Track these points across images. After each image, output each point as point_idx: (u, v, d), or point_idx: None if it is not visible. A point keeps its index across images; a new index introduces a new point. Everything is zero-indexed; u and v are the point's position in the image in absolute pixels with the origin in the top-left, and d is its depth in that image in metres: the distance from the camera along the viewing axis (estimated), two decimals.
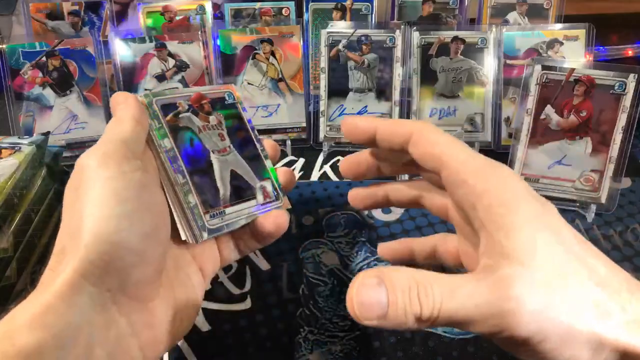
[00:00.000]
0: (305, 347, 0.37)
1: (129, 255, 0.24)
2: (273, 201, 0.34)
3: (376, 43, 0.56)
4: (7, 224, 0.37)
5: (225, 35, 0.57)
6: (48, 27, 0.62)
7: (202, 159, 0.32)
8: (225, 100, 0.35)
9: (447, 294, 0.22)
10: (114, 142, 0.26)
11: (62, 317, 0.21)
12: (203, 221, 0.30)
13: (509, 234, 0.22)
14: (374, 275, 0.23)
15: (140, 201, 0.25)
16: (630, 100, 0.47)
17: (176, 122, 0.32)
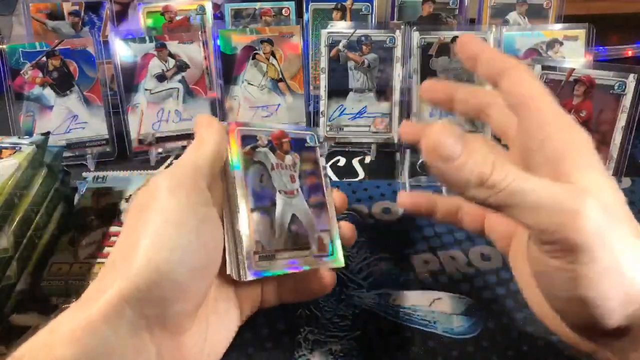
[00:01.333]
0: (305, 347, 0.37)
1: (174, 288, 0.24)
2: (326, 255, 0.33)
3: (376, 43, 0.56)
4: (7, 224, 0.37)
5: (225, 35, 0.57)
6: (48, 27, 0.62)
7: (267, 197, 0.32)
8: (305, 142, 0.35)
9: (522, 175, 0.22)
10: (190, 167, 0.27)
11: (101, 336, 0.22)
12: (251, 261, 0.29)
13: (582, 171, 0.23)
14: (460, 130, 0.22)
15: (198, 236, 0.25)
16: (630, 100, 0.47)
17: (252, 156, 0.32)
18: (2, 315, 0.36)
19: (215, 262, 0.27)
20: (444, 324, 0.38)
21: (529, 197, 0.21)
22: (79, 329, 0.21)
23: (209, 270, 0.26)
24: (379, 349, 0.36)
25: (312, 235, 0.32)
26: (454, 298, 0.40)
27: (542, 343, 0.36)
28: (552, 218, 0.21)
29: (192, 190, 0.26)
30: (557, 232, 0.21)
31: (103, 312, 0.22)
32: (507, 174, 0.21)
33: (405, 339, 0.37)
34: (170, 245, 0.24)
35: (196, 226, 0.25)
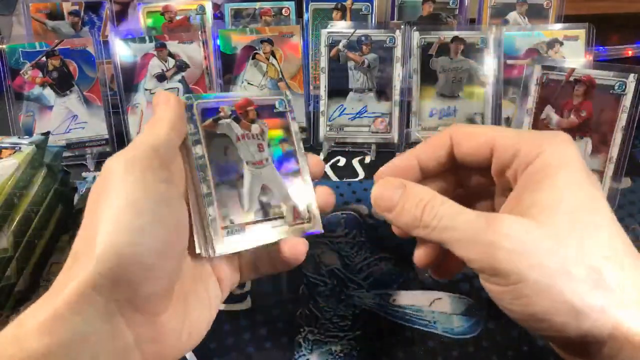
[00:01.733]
0: (305, 347, 0.37)
1: (139, 269, 0.23)
2: (303, 222, 0.31)
3: (376, 43, 0.56)
4: (7, 224, 0.37)
5: (225, 35, 0.57)
6: (48, 27, 0.62)
7: (233, 170, 0.31)
8: (274, 107, 0.33)
9: (450, 216, 0.25)
10: (144, 146, 0.26)
11: (70, 326, 0.21)
12: (219, 236, 0.29)
13: (534, 193, 0.24)
14: (399, 181, 0.27)
15: (157, 215, 0.24)
16: (630, 100, 0.47)
17: (213, 129, 0.31)
18: (2, 315, 0.36)
19: (180, 240, 0.27)
20: (444, 324, 0.38)
21: (453, 233, 0.24)
22: (47, 320, 0.21)
23: (174, 249, 0.26)
24: (379, 349, 0.36)
25: (285, 204, 0.31)
26: (454, 298, 0.40)
27: (542, 343, 0.36)
28: (471, 250, 0.24)
29: (147, 169, 0.25)
30: (479, 262, 0.23)
31: (69, 301, 0.22)
32: (436, 214, 0.25)
33: (405, 339, 0.37)
34: (129, 226, 0.23)
35: (154, 205, 0.24)
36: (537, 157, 0.25)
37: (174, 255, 0.26)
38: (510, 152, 0.26)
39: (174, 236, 0.26)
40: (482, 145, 0.28)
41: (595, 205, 0.24)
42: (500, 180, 0.28)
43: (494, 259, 0.23)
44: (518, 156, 0.26)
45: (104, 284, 0.22)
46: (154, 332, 0.25)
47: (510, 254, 0.22)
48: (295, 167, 0.32)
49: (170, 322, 0.26)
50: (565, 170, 0.24)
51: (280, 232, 0.31)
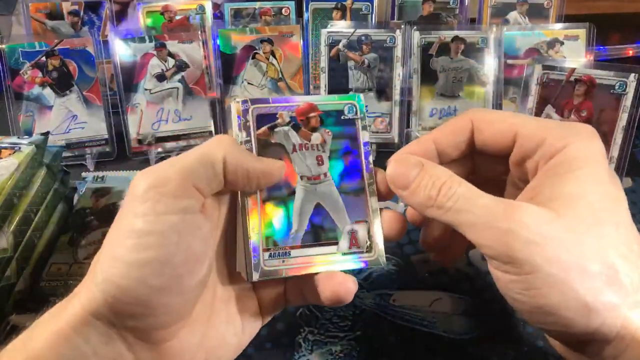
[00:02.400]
0: (305, 347, 0.36)
1: (137, 304, 0.22)
2: (361, 252, 0.27)
3: (376, 43, 0.56)
4: (7, 224, 0.37)
5: (225, 34, 0.57)
6: (48, 27, 0.62)
7: (284, 184, 0.27)
8: (342, 114, 0.29)
9: (467, 198, 0.24)
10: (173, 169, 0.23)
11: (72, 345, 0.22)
12: (259, 259, 0.26)
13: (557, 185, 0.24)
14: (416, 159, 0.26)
15: (163, 250, 0.22)
16: (631, 100, 0.47)
17: (269, 137, 0.27)
18: (2, 315, 0.36)
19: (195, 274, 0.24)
20: (444, 324, 0.38)
21: (470, 216, 0.24)
22: (51, 336, 0.22)
23: (183, 285, 0.23)
24: (379, 349, 0.36)
25: (341, 229, 0.27)
26: (454, 298, 0.40)
27: (542, 344, 0.36)
28: (488, 235, 0.23)
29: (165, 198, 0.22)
30: (495, 248, 0.23)
31: (71, 322, 0.22)
32: (452, 196, 0.24)
33: (405, 339, 0.37)
34: (129, 259, 0.22)
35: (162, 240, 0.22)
36: (563, 149, 0.24)
37: (184, 291, 0.23)
38: (535, 142, 0.25)
39: (185, 271, 0.23)
40: (505, 133, 0.27)
41: (616, 205, 0.24)
42: (516, 169, 0.28)
43: (510, 247, 0.22)
44: (542, 146, 0.25)
45: (102, 312, 0.22)
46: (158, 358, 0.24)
47: (527, 244, 0.22)
48: (359, 185, 0.28)
49: (181, 348, 0.24)
50: (591, 166, 0.24)
51: (331, 261, 0.27)
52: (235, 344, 0.27)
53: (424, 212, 0.26)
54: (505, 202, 0.24)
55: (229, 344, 0.27)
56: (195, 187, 0.24)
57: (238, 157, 0.25)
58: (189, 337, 0.25)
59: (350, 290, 0.26)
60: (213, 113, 0.57)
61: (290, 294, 0.29)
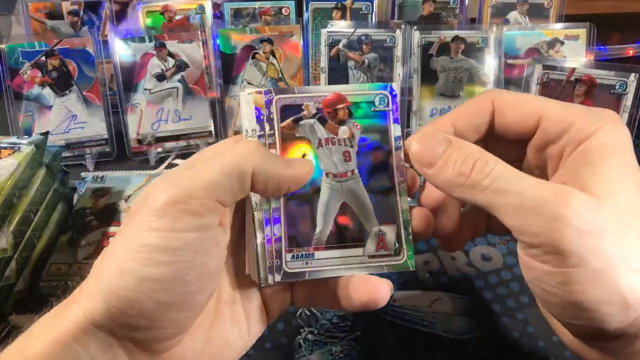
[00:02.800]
0: (306, 347, 0.36)
1: (142, 318, 0.21)
2: (389, 255, 0.25)
3: (376, 42, 0.56)
4: (7, 224, 0.37)
5: (225, 34, 0.56)
6: (47, 27, 0.62)
7: (309, 182, 0.25)
8: (372, 105, 0.27)
9: (508, 178, 0.22)
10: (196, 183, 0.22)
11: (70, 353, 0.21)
12: (282, 261, 0.24)
13: (595, 170, 0.22)
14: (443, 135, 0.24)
15: (174, 268, 0.21)
16: (631, 100, 0.47)
17: (293, 131, 0.25)
18: (2, 315, 0.36)
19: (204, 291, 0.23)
20: (444, 324, 0.38)
21: (512, 198, 0.21)
22: (49, 343, 0.21)
23: (191, 302, 0.22)
24: (379, 350, 0.36)
25: (368, 230, 0.26)
26: (454, 298, 0.40)
27: (542, 344, 0.36)
28: (534, 220, 0.21)
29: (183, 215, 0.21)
30: (539, 236, 0.21)
31: (70, 330, 0.21)
32: (490, 173, 0.22)
33: (405, 339, 0.37)
34: (137, 273, 0.21)
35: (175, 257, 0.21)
36: (593, 135, 0.23)
37: (193, 307, 0.23)
38: (561, 126, 0.24)
39: (197, 289, 0.22)
40: (529, 115, 0.25)
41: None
42: (535, 156, 0.26)
43: (560, 236, 0.20)
44: (570, 131, 0.23)
45: (104, 322, 0.21)
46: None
47: (579, 234, 0.20)
48: (388, 184, 0.26)
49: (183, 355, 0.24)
50: (623, 153, 0.22)
51: (356, 264, 0.25)
52: (240, 346, 0.27)
53: (451, 191, 0.23)
54: (553, 185, 0.22)
55: (233, 346, 0.26)
56: (218, 201, 0.22)
57: (268, 167, 0.23)
58: (190, 344, 0.24)
59: (387, 294, 0.25)
60: (213, 113, 0.57)
61: (298, 295, 0.28)
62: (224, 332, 0.26)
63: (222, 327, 0.25)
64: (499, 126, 0.26)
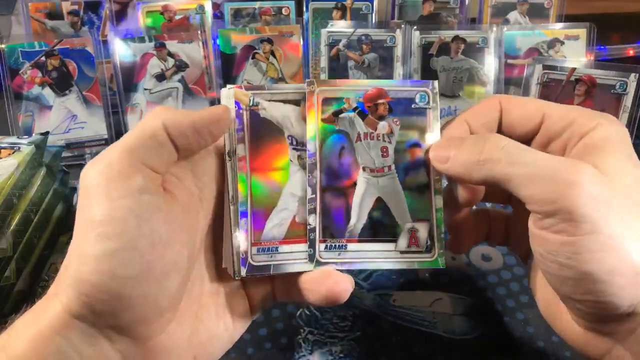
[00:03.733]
0: (305, 347, 0.36)
1: (112, 299, 0.21)
2: (420, 252, 0.26)
3: (376, 42, 0.56)
4: (7, 224, 0.37)
5: (224, 34, 0.56)
6: (47, 27, 0.62)
7: (345, 174, 0.26)
8: (413, 102, 0.27)
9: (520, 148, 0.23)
10: (115, 152, 0.22)
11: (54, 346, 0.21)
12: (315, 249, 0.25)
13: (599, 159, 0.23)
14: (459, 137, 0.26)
15: (126, 238, 0.21)
16: (632, 100, 0.47)
17: (333, 123, 0.26)
18: (1, 316, 0.36)
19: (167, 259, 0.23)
20: (445, 325, 0.38)
21: (527, 168, 0.22)
22: (33, 338, 0.21)
23: (156, 271, 0.22)
24: (379, 350, 0.36)
25: (402, 226, 0.26)
26: (454, 298, 0.40)
27: (542, 344, 0.36)
28: (549, 187, 0.21)
29: (116, 181, 0.21)
30: (555, 202, 0.21)
31: (51, 324, 0.21)
32: (504, 147, 0.23)
33: (405, 339, 0.37)
34: (94, 252, 0.21)
35: (124, 224, 0.21)
36: (594, 129, 0.24)
37: (158, 279, 0.22)
38: (564, 122, 0.25)
39: (154, 257, 0.22)
40: (533, 113, 0.26)
41: None
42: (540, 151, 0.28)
43: (574, 201, 0.21)
44: (572, 126, 0.25)
45: (81, 312, 0.21)
46: (145, 355, 0.23)
47: (593, 200, 0.21)
48: (424, 181, 0.27)
49: (169, 344, 0.24)
50: (624, 145, 0.24)
51: (388, 258, 0.26)
52: (225, 339, 0.27)
53: (470, 173, 0.24)
54: (564, 158, 0.23)
55: (219, 338, 0.26)
56: (144, 164, 0.22)
57: (177, 117, 0.24)
58: (177, 332, 0.24)
59: (347, 290, 0.25)
60: None
61: (278, 290, 0.28)
62: (209, 324, 0.26)
63: (208, 319, 0.26)
64: (506, 124, 0.27)
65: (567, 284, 0.22)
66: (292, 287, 0.27)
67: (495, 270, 0.42)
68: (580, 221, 0.21)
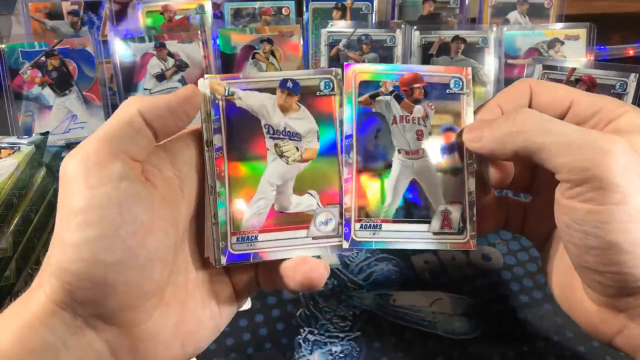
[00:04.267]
0: (305, 347, 0.36)
1: (94, 286, 0.21)
2: (453, 234, 0.27)
3: (376, 42, 0.56)
4: (6, 224, 0.37)
5: (224, 34, 0.56)
6: (47, 27, 0.62)
7: (381, 156, 0.26)
8: (448, 87, 0.28)
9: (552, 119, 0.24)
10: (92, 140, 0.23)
11: (39, 336, 0.21)
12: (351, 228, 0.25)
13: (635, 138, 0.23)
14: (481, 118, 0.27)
15: (107, 225, 0.21)
16: (632, 100, 0.47)
17: (370, 106, 0.27)
18: None
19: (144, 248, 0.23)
20: (445, 325, 0.38)
21: (560, 137, 0.23)
22: (19, 328, 0.21)
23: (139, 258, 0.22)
24: (379, 350, 0.36)
25: (435, 207, 0.27)
26: (454, 298, 0.40)
27: (542, 344, 0.36)
28: (582, 155, 0.22)
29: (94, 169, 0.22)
30: (587, 170, 0.21)
31: (36, 313, 0.21)
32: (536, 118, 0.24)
33: (405, 339, 0.37)
34: (75, 240, 0.21)
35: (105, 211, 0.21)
36: (622, 115, 0.25)
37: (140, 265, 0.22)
38: (593, 108, 0.26)
39: (136, 243, 0.22)
40: (562, 98, 0.27)
41: None
42: None
43: (608, 170, 0.21)
44: (600, 112, 0.26)
45: (64, 301, 0.21)
46: (131, 343, 0.23)
47: (626, 169, 0.21)
48: (458, 165, 0.27)
49: (156, 331, 0.24)
50: None
51: (421, 239, 0.26)
52: (212, 327, 0.27)
53: (504, 146, 0.24)
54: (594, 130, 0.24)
55: (206, 327, 0.27)
56: (122, 151, 0.23)
57: (152, 101, 0.24)
58: (163, 320, 0.24)
59: (322, 276, 0.25)
60: None
61: (262, 278, 0.28)
62: (195, 312, 0.26)
63: (194, 306, 0.26)
64: (535, 108, 0.28)
65: (591, 254, 0.22)
66: (275, 275, 0.27)
67: (495, 270, 0.42)
68: (611, 190, 0.21)
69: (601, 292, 0.24)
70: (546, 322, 0.37)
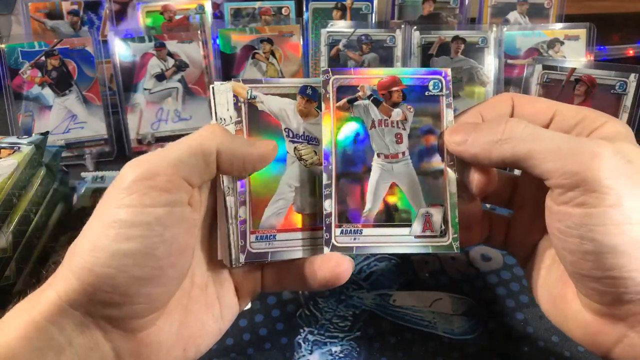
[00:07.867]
0: (305, 347, 0.36)
1: (116, 294, 0.22)
2: (434, 236, 0.26)
3: (376, 42, 0.56)
4: (6, 224, 0.37)
5: (224, 34, 0.56)
6: (47, 27, 0.62)
7: (360, 160, 0.26)
8: (426, 89, 0.28)
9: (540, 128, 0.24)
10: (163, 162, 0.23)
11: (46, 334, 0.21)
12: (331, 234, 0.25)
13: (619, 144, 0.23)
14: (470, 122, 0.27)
15: (147, 242, 0.22)
16: (631, 100, 0.47)
17: (348, 111, 0.27)
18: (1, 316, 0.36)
19: (178, 266, 0.23)
20: (444, 325, 0.38)
21: (550, 143, 0.23)
22: (25, 325, 0.21)
23: (165, 277, 0.23)
24: (379, 350, 0.36)
25: (416, 211, 0.26)
26: (454, 298, 0.40)
27: (542, 344, 0.36)
28: (572, 159, 0.22)
29: (152, 190, 0.22)
30: (578, 173, 0.21)
31: (45, 311, 0.21)
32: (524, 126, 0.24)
33: (406, 339, 0.37)
34: (110, 248, 0.21)
35: (147, 231, 0.22)
36: (605, 125, 0.25)
37: (165, 283, 0.23)
38: (575, 119, 0.26)
39: (168, 264, 0.23)
40: (544, 110, 0.27)
41: None
42: None
43: (598, 172, 0.21)
44: (583, 122, 0.26)
45: (79, 300, 0.22)
46: (136, 347, 0.24)
47: (616, 171, 0.21)
48: (439, 167, 0.27)
49: (159, 336, 0.24)
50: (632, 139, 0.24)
51: (403, 243, 0.26)
52: (214, 331, 0.27)
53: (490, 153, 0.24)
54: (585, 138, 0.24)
55: (208, 330, 0.27)
56: (186, 179, 0.23)
57: (232, 146, 0.24)
58: (166, 325, 0.25)
59: (348, 270, 0.26)
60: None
61: (268, 280, 0.29)
62: (198, 316, 0.26)
63: (197, 311, 0.26)
64: None
65: (587, 259, 0.22)
66: (284, 275, 0.28)
67: (495, 270, 0.42)
68: (604, 192, 0.21)
69: (598, 300, 0.23)
70: (546, 322, 0.37)
